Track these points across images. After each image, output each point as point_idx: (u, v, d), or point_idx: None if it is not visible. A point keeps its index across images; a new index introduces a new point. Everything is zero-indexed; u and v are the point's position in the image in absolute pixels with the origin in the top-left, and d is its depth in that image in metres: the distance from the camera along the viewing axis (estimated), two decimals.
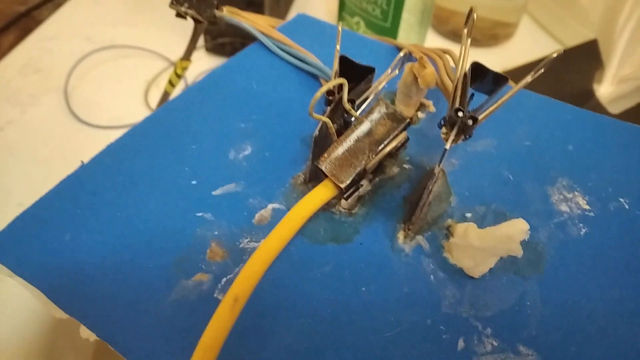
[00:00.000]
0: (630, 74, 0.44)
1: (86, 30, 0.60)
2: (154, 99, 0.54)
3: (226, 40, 0.54)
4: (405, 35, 0.43)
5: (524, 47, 0.55)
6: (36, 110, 0.52)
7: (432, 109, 0.23)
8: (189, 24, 0.28)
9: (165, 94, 0.32)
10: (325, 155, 0.18)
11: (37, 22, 0.60)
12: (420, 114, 0.23)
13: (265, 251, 0.16)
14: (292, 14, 0.61)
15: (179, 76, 0.30)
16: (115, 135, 0.53)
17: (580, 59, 0.47)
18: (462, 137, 0.17)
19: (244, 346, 0.16)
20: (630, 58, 0.46)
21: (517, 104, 0.23)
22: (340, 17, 0.48)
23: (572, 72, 0.46)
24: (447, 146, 0.17)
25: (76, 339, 0.26)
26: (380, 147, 0.18)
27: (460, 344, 0.16)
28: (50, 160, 0.48)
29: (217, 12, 0.26)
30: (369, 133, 0.18)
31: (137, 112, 0.53)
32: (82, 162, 0.21)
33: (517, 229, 0.17)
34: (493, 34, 0.52)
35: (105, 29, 0.60)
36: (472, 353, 0.16)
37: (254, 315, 0.16)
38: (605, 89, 0.44)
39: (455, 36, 0.52)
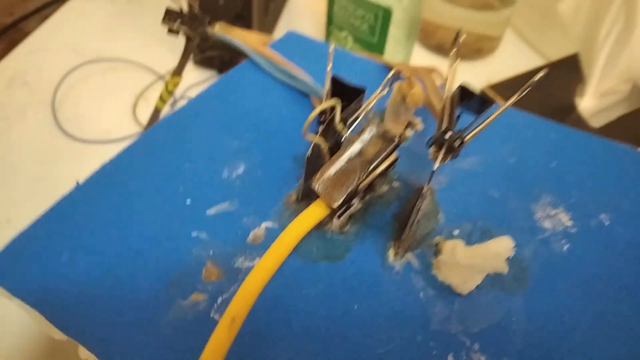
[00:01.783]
0: (611, 88, 0.45)
1: (73, 42, 0.60)
2: (143, 113, 0.54)
3: (214, 54, 0.54)
4: (393, 50, 0.44)
5: (508, 60, 0.56)
6: (23, 124, 0.52)
7: (420, 126, 0.24)
8: (177, 37, 0.29)
9: (156, 110, 0.32)
10: (318, 175, 0.18)
11: (24, 34, 0.60)
12: (408, 132, 0.24)
13: (261, 271, 0.16)
14: (279, 27, 0.62)
15: (169, 92, 0.31)
16: (103, 149, 0.53)
17: (562, 73, 0.48)
18: (450, 156, 0.18)
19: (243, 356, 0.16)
20: (610, 72, 0.47)
21: (502, 122, 0.24)
22: (329, 32, 0.49)
23: (554, 86, 0.47)
24: (435, 167, 0.17)
25: None
26: (371, 167, 0.18)
27: (450, 358, 0.17)
28: (38, 176, 0.48)
29: (209, 29, 0.27)
30: (360, 153, 0.18)
31: (125, 126, 0.53)
32: (78, 182, 0.21)
33: (503, 246, 0.18)
34: (477, 47, 0.53)
35: (92, 42, 0.60)
36: None
37: (249, 334, 0.17)
38: (586, 103, 0.45)
39: (440, 50, 0.53)
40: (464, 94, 0.19)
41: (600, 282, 0.19)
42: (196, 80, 0.54)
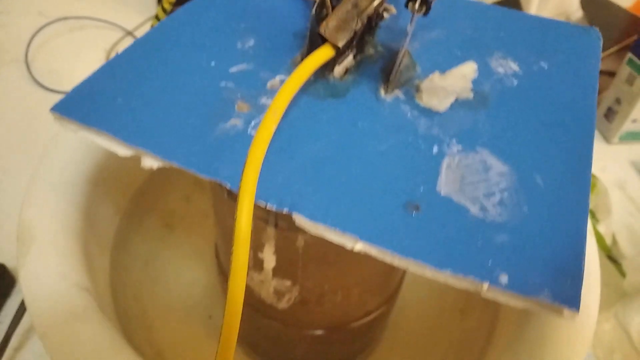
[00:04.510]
0: None
1: (37, 4, 0.63)
2: None
3: None
4: None
5: None
6: None
7: (394, 10, 0.30)
8: None
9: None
10: (324, 24, 0.24)
11: None
12: (385, 15, 0.30)
13: (291, 82, 0.22)
14: None
15: (165, 11, 0.36)
16: None
17: None
18: (424, 9, 0.24)
19: (279, 156, 0.22)
20: (544, 9, 0.55)
21: (459, 9, 0.31)
22: None
23: None
24: (414, 17, 0.24)
25: (111, 196, 0.31)
26: (365, 14, 0.24)
27: (435, 149, 0.23)
28: (19, 124, 0.51)
29: None
30: (355, 5, 0.25)
31: None
32: (117, 52, 0.26)
33: (468, 69, 0.24)
34: None
35: (56, 2, 0.64)
36: (444, 154, 0.23)
37: (282, 141, 0.22)
38: None
39: None
40: None
41: (539, 101, 0.26)
42: None
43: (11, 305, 0.41)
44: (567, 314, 0.19)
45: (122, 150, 0.22)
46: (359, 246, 0.20)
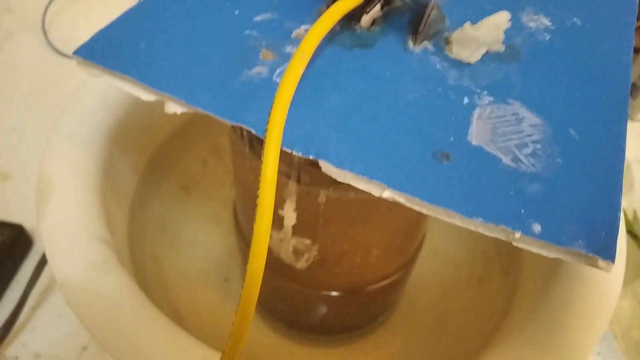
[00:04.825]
0: None
1: None
2: None
3: None
4: None
5: None
6: (15, 46, 0.55)
7: None
8: None
9: None
10: None
11: None
12: None
13: (319, 26, 0.21)
14: None
15: None
16: None
17: None
18: None
19: (304, 104, 0.21)
20: None
21: None
22: None
23: None
24: None
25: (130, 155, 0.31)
26: None
27: (465, 100, 0.22)
28: (37, 89, 0.51)
29: None
30: None
31: None
32: None
33: (501, 18, 0.23)
34: None
35: None
36: (475, 105, 0.22)
37: (308, 88, 0.22)
38: None
39: None
40: None
41: (571, 55, 0.25)
42: None
43: (29, 265, 0.41)
44: (602, 265, 0.18)
45: (146, 95, 0.22)
46: (387, 193, 0.20)
